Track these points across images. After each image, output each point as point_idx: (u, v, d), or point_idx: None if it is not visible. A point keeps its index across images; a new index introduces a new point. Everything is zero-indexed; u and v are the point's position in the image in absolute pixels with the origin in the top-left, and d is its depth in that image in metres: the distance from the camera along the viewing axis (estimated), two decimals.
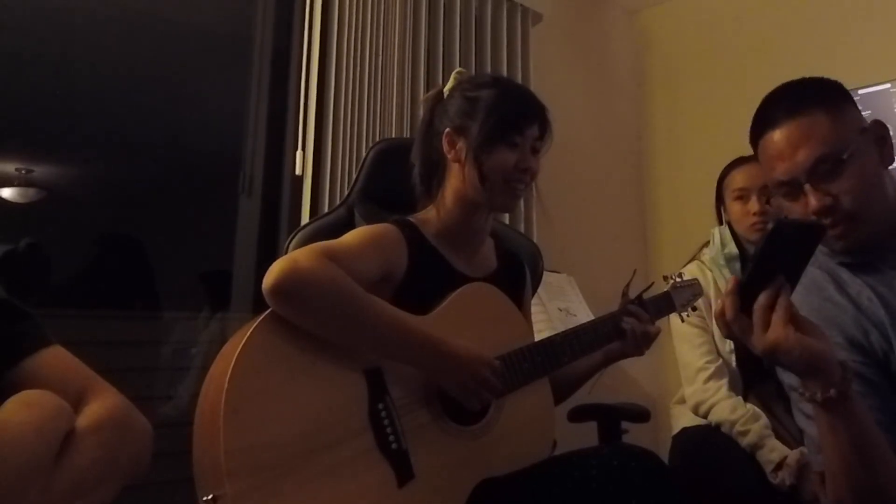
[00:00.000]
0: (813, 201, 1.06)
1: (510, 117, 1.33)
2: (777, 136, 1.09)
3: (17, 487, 0.69)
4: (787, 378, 1.13)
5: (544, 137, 1.38)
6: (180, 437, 1.12)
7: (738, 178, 1.97)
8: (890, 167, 1.13)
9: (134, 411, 0.88)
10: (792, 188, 1.09)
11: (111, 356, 1.92)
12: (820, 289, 1.12)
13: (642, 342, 1.43)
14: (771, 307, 0.95)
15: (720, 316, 0.98)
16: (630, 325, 1.42)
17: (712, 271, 1.99)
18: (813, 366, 0.93)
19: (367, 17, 2.33)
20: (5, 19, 2.08)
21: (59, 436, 0.75)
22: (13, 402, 0.75)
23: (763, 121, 1.12)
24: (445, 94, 1.41)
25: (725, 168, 2.05)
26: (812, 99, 1.08)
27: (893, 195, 1.11)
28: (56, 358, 0.89)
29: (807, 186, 1.06)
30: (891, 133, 1.13)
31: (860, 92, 2.70)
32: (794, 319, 0.94)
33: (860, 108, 1.14)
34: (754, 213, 1.91)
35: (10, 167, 2.50)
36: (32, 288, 2.00)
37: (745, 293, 0.97)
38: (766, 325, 0.94)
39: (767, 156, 1.12)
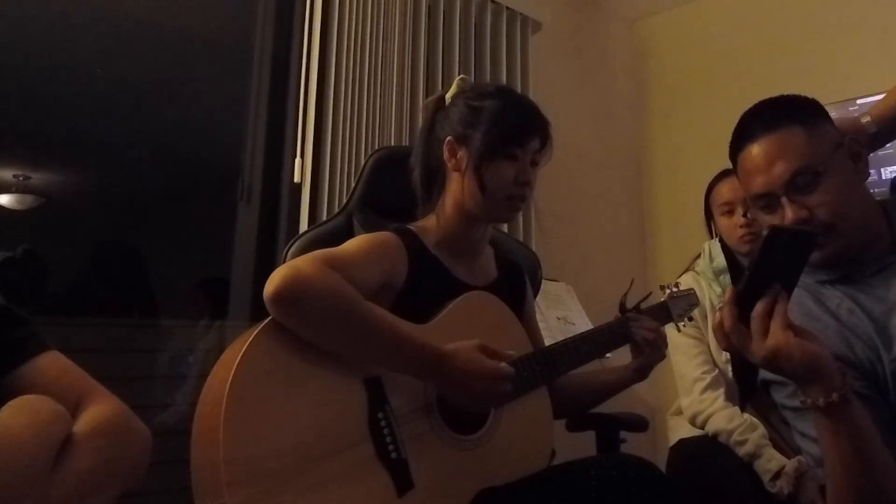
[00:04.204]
0: (789, 213, 1.08)
1: (513, 130, 1.33)
2: (755, 150, 1.11)
3: (15, 493, 0.68)
4: (781, 398, 1.13)
5: (544, 150, 1.38)
6: (178, 445, 1.11)
7: (724, 192, 1.97)
8: (865, 181, 1.16)
9: (132, 417, 0.88)
10: (769, 201, 1.11)
11: (109, 364, 1.93)
12: (799, 304, 1.13)
13: (661, 344, 1.44)
14: (769, 314, 0.95)
15: (718, 327, 0.98)
16: (642, 335, 1.43)
17: (706, 283, 1.99)
18: (814, 370, 0.93)
19: (366, 24, 2.33)
20: (4, 25, 2.09)
21: (56, 441, 0.75)
22: (10, 407, 0.74)
23: (741, 136, 1.15)
24: (447, 101, 1.41)
25: (711, 183, 2.05)
26: (789, 115, 1.11)
27: (869, 208, 1.13)
28: (54, 363, 0.89)
29: (783, 199, 1.09)
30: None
31: (859, 101, 2.71)
32: (790, 326, 0.95)
33: None
34: (741, 226, 1.92)
35: (7, 173, 2.49)
36: (30, 295, 1.99)
37: (742, 303, 0.97)
38: (765, 331, 0.94)
39: (745, 170, 1.14)
